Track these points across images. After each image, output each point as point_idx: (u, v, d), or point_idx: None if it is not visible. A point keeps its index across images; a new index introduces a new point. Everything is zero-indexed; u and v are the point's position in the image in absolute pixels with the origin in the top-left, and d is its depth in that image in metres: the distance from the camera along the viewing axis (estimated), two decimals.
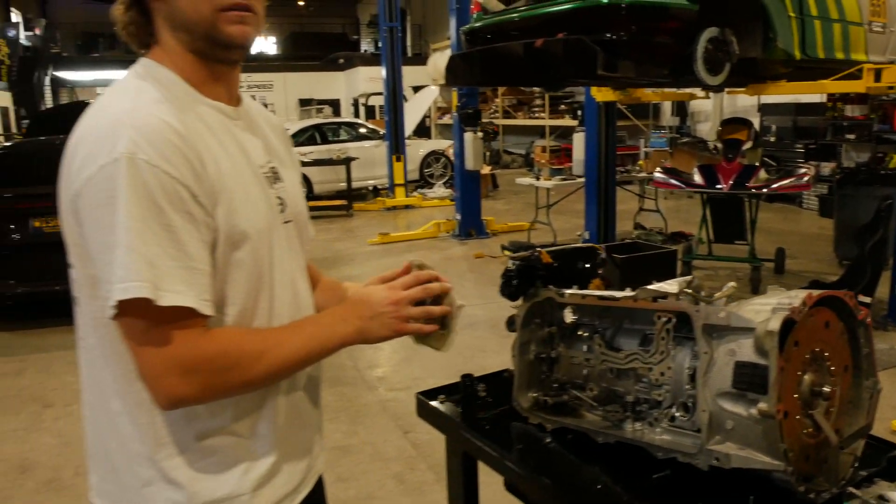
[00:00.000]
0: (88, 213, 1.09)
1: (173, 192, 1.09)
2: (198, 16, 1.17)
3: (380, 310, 1.31)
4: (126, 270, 1.05)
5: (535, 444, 1.73)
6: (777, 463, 1.33)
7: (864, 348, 1.54)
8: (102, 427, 1.25)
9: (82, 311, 1.26)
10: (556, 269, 1.78)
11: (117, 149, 1.07)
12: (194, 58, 1.22)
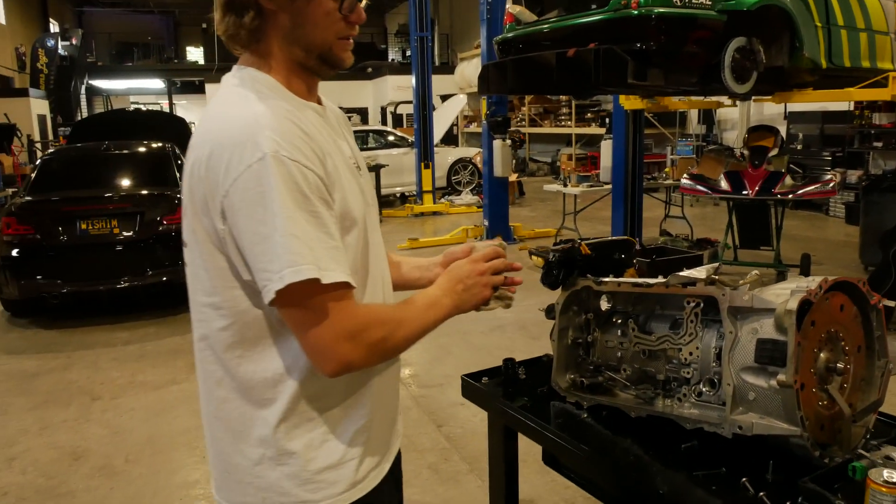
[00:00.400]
0: (240, 210, 1.16)
1: (313, 182, 1.19)
2: (321, 40, 1.29)
3: (469, 282, 1.45)
4: (293, 255, 1.14)
5: (573, 419, 1.88)
6: (794, 429, 1.47)
7: (877, 331, 1.68)
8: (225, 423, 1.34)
9: (214, 312, 1.31)
10: (593, 259, 1.93)
11: (261, 149, 1.15)
12: (298, 69, 1.33)
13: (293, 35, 1.28)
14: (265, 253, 1.15)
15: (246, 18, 1.25)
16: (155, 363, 5.44)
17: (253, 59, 1.32)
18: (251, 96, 1.24)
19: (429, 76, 12.73)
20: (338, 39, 1.31)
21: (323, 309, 1.18)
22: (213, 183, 1.19)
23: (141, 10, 31.82)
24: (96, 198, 6.52)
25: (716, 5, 4.93)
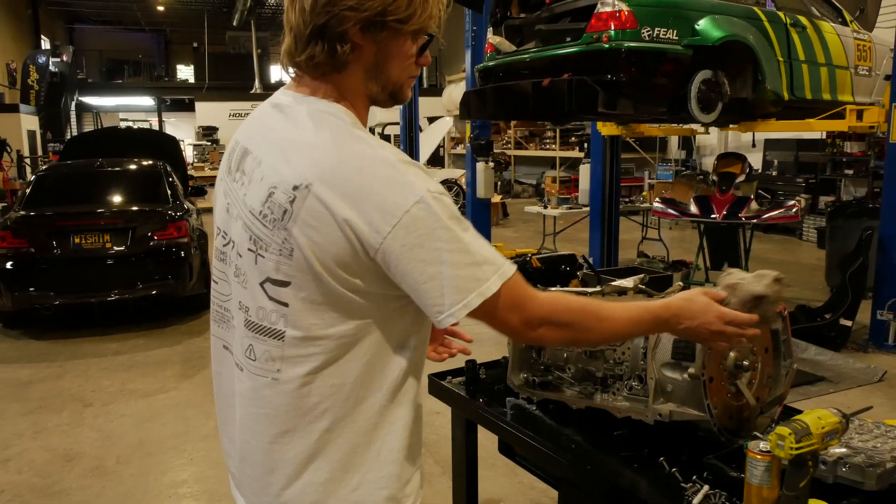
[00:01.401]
0: (410, 250, 1.19)
1: (454, 207, 1.27)
2: (397, 78, 1.35)
3: (704, 319, 1.48)
4: (489, 264, 1.24)
5: (524, 412, 2.14)
6: (703, 415, 1.74)
7: (783, 335, 1.95)
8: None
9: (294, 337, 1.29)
10: (543, 271, 2.20)
11: (416, 192, 1.19)
12: (367, 102, 1.37)
13: (375, 70, 1.32)
14: (455, 274, 1.21)
15: (339, 49, 1.26)
16: (144, 373, 5.64)
17: (322, 87, 1.32)
18: (361, 135, 1.27)
19: (416, 98, 13.06)
20: (408, 78, 1.38)
21: (524, 297, 1.32)
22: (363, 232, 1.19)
23: (132, 27, 32.15)
24: (89, 213, 6.73)
25: (682, 40, 5.25)
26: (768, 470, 1.41)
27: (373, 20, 1.25)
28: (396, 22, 1.27)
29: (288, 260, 1.24)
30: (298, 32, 1.27)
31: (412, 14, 1.28)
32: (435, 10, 1.33)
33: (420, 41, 1.34)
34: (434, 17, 1.33)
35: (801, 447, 1.33)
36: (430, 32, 1.35)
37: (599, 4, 5.06)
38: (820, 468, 1.58)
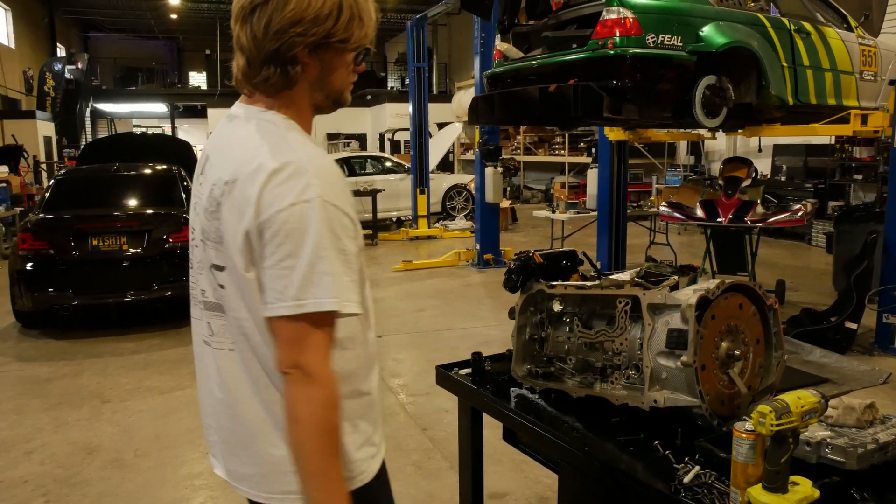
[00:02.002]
0: (275, 237, 1.35)
1: (345, 224, 1.39)
2: (339, 87, 1.54)
3: None
4: (319, 289, 1.33)
5: (527, 401, 2.24)
6: (695, 401, 1.84)
7: (774, 327, 2.05)
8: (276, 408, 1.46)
9: (239, 317, 1.46)
10: (545, 266, 2.31)
11: (308, 193, 1.35)
12: (312, 111, 1.55)
13: (320, 83, 1.51)
14: (294, 280, 1.34)
15: (291, 71, 1.44)
16: (160, 371, 5.78)
17: (273, 101, 1.49)
18: (292, 140, 1.44)
19: (425, 105, 13.19)
20: (348, 85, 1.57)
21: (324, 334, 1.37)
22: (251, 208, 1.37)
23: (146, 35, 32.51)
24: (107, 216, 6.89)
25: (686, 46, 5.34)
26: (753, 448, 1.51)
27: (318, 43, 1.44)
28: (339, 42, 1.46)
29: (220, 247, 1.45)
30: (252, 57, 1.44)
31: (351, 34, 1.47)
32: (369, 27, 1.52)
33: (357, 53, 1.52)
34: (369, 33, 1.52)
35: (782, 424, 1.43)
36: (366, 46, 1.53)
37: (605, 12, 5.15)
38: (805, 449, 1.68)
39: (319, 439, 1.36)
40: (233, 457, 1.56)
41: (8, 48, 22.04)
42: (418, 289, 8.97)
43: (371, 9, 1.52)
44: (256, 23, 1.41)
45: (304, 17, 1.40)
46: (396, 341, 6.74)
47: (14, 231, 11.42)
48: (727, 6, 5.64)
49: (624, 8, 5.17)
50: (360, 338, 1.57)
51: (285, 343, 1.37)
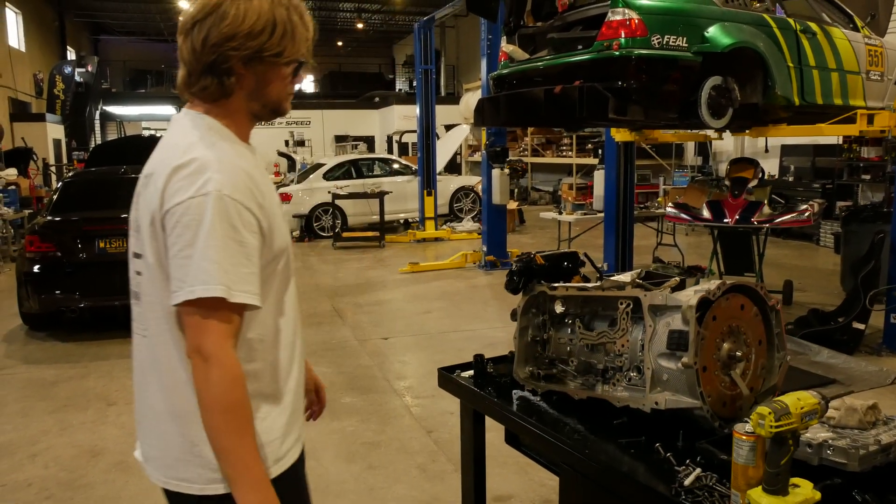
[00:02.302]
0: (175, 228, 1.45)
1: (246, 218, 1.48)
2: (276, 98, 1.63)
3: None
4: (207, 276, 1.41)
5: (529, 403, 2.24)
6: (696, 402, 1.83)
7: (776, 328, 2.03)
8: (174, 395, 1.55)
9: (149, 303, 1.57)
10: (547, 268, 2.30)
11: (207, 187, 1.45)
12: (250, 118, 1.65)
13: (256, 93, 1.61)
14: (187, 268, 1.43)
15: (226, 81, 1.55)
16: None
17: (211, 108, 1.59)
18: (208, 141, 1.53)
19: (432, 107, 13.19)
20: (286, 96, 1.66)
21: (219, 320, 1.44)
22: (157, 199, 1.48)
23: (155, 38, 32.63)
24: (114, 218, 6.89)
25: (692, 47, 5.32)
26: (753, 450, 1.50)
27: (252, 56, 1.55)
28: (272, 56, 1.56)
29: (138, 235, 1.58)
30: (192, 68, 1.56)
31: (284, 49, 1.57)
32: (303, 43, 1.62)
33: (293, 66, 1.63)
34: (303, 47, 1.62)
35: (781, 425, 1.42)
36: (300, 60, 1.63)
37: (610, 13, 5.14)
38: (806, 450, 1.66)
39: (223, 417, 1.43)
40: (143, 438, 1.66)
41: (18, 51, 22.17)
42: (425, 291, 8.97)
43: (306, 27, 1.63)
44: (196, 36, 1.53)
45: (239, 32, 1.51)
46: (402, 343, 6.74)
47: (23, 233, 11.48)
48: (732, 7, 5.62)
49: (629, 9, 5.15)
50: (271, 339, 1.62)
51: (188, 330, 1.46)
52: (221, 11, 1.52)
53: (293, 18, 1.58)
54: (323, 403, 2.11)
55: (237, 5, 1.52)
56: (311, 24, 1.65)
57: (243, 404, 1.46)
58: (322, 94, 32.45)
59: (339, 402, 5.15)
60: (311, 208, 13.70)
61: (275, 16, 1.55)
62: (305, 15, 1.64)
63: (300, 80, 1.69)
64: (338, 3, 26.87)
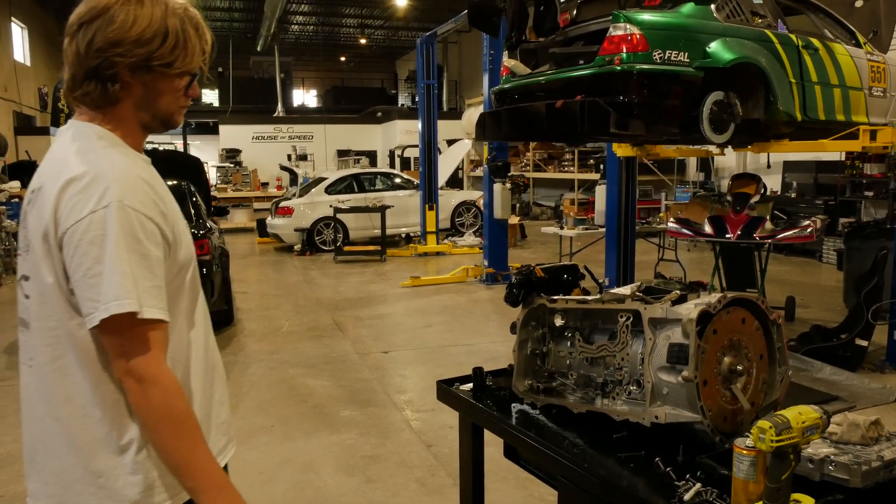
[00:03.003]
0: (78, 247, 1.36)
1: (149, 228, 1.41)
2: (167, 109, 1.57)
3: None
4: (119, 290, 1.35)
5: (528, 417, 2.22)
6: (697, 416, 1.81)
7: (778, 342, 2.02)
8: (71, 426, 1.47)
9: (39, 329, 1.48)
10: (547, 281, 2.29)
11: (106, 199, 1.37)
12: (139, 128, 1.57)
13: (145, 103, 1.53)
14: (97, 286, 1.35)
15: (110, 88, 1.47)
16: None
17: (98, 116, 1.51)
18: (99, 151, 1.46)
19: (434, 122, 13.22)
20: (178, 108, 1.59)
21: (140, 337, 1.39)
22: (51, 219, 1.39)
23: None
24: None
25: (693, 62, 5.33)
26: (754, 465, 1.48)
27: (139, 64, 1.47)
28: (162, 66, 1.49)
29: (27, 255, 1.48)
30: (75, 72, 1.47)
31: (175, 59, 1.50)
32: (197, 54, 1.55)
33: (186, 79, 1.56)
34: (197, 59, 1.55)
35: (782, 440, 1.40)
36: (193, 72, 1.55)
37: (611, 28, 5.15)
38: (808, 466, 1.64)
39: (172, 433, 1.40)
40: (36, 476, 1.55)
41: (24, 65, 22.31)
42: (426, 305, 8.95)
43: (202, 39, 1.56)
44: (81, 39, 1.45)
45: (126, 38, 1.44)
46: (403, 357, 6.71)
47: None
48: (734, 22, 5.63)
49: (631, 24, 5.17)
50: (184, 354, 1.56)
51: (112, 352, 1.40)
52: (109, 15, 1.44)
53: (187, 29, 1.51)
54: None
55: (127, 10, 1.45)
56: (208, 37, 1.59)
57: (188, 414, 1.43)
58: (325, 108, 32.59)
59: (339, 416, 5.13)
60: (313, 222, 13.71)
61: (167, 25, 1.48)
62: (202, 26, 1.57)
63: (195, 94, 1.61)
64: (341, 19, 27.02)
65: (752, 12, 5.85)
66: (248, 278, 11.18)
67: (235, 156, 24.86)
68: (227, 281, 7.56)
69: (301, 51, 32.10)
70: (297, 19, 26.65)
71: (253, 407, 5.34)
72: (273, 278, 11.31)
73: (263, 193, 19.87)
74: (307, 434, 4.81)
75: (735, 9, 5.68)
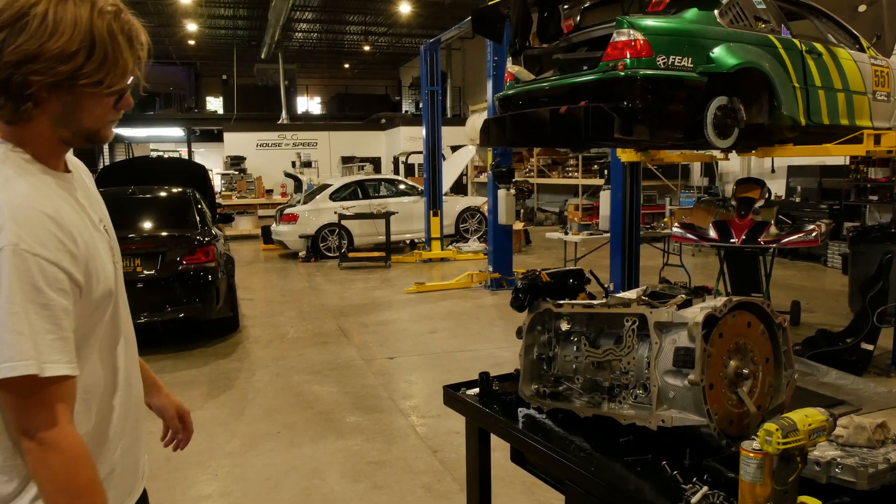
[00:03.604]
0: None
1: (51, 275, 1.23)
2: (91, 125, 1.36)
3: None
4: (13, 351, 1.19)
5: (535, 421, 2.22)
6: (703, 420, 1.81)
7: (783, 346, 2.02)
8: None
9: None
10: (552, 285, 2.30)
11: (0, 241, 1.20)
12: (58, 144, 1.37)
13: (64, 120, 1.33)
14: None
15: (23, 107, 1.27)
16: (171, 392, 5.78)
17: (6, 130, 1.32)
18: (3, 176, 1.27)
19: (438, 128, 13.25)
20: (107, 123, 1.40)
21: (41, 399, 1.24)
22: None
23: (164, 61, 32.96)
24: (121, 238, 6.83)
25: (697, 68, 5.34)
26: (760, 467, 1.49)
27: (61, 83, 1.27)
28: (88, 86, 1.29)
29: None
30: None
31: (103, 77, 1.29)
32: (130, 68, 1.34)
33: (116, 94, 1.36)
34: (128, 72, 1.34)
35: (788, 442, 1.41)
36: (125, 89, 1.36)
37: (615, 34, 5.17)
38: (814, 469, 1.65)
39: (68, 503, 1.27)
40: None
41: None
42: (431, 311, 8.95)
43: (135, 47, 1.35)
44: None
45: (44, 53, 1.23)
46: (408, 363, 6.72)
47: None
48: (738, 28, 5.64)
49: (634, 30, 5.18)
50: (98, 396, 1.42)
51: (9, 411, 1.26)
52: (24, 22, 1.22)
53: (118, 40, 1.30)
54: (189, 430, 1.93)
55: (46, 14, 1.23)
56: (144, 41, 1.38)
57: (93, 484, 1.30)
58: (329, 115, 32.67)
59: (345, 422, 5.14)
60: (318, 229, 13.74)
61: (94, 35, 1.26)
62: (135, 32, 1.35)
63: (128, 107, 1.41)
64: (344, 26, 27.10)
65: (755, 17, 5.86)
66: (254, 285, 11.21)
67: (240, 163, 24.97)
68: (232, 288, 7.59)
69: (305, 58, 32.20)
70: (301, 27, 26.74)
71: (259, 413, 5.35)
72: (278, 285, 11.34)
73: (268, 200, 19.94)
74: (313, 440, 4.81)
75: (738, 14, 5.69)
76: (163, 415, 1.89)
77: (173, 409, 1.90)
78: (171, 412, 1.89)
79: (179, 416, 1.91)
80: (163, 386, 1.90)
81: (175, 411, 1.90)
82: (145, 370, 1.79)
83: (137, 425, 1.58)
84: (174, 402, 1.91)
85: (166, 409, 1.89)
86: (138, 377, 1.63)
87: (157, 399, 1.88)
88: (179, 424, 1.91)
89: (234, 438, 4.84)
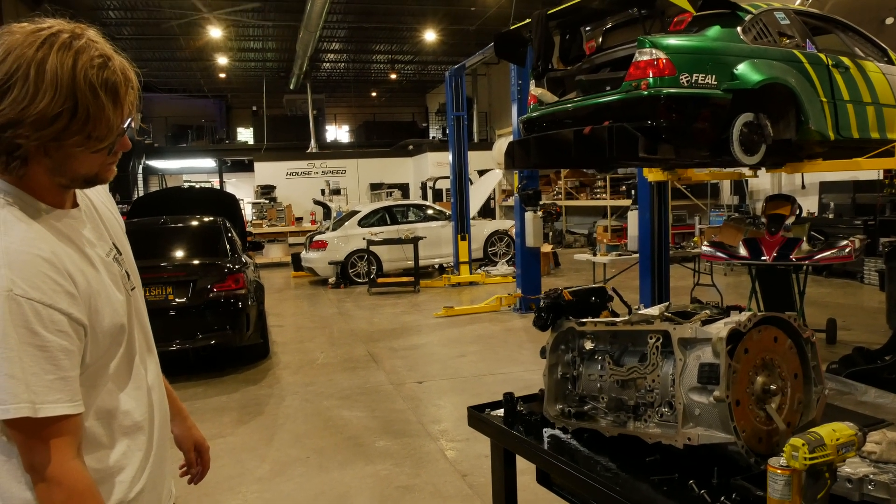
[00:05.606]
0: None
1: (47, 317, 1.25)
2: (87, 172, 1.37)
3: None
4: (5, 394, 1.22)
5: (560, 441, 2.20)
6: (730, 437, 1.78)
7: (812, 361, 1.99)
8: None
9: None
10: (575, 304, 2.28)
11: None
12: (57, 188, 1.38)
13: (59, 171, 1.34)
14: None
15: (13, 164, 1.28)
16: (203, 418, 5.82)
17: (7, 177, 1.34)
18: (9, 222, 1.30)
19: (465, 153, 13.31)
20: (104, 167, 1.39)
21: (42, 437, 1.27)
22: None
23: (195, 94, 33.67)
24: (153, 267, 7.05)
25: (721, 85, 5.31)
26: (788, 484, 1.45)
27: (47, 144, 1.27)
28: (74, 145, 1.29)
29: None
30: None
31: (89, 134, 1.29)
32: (116, 123, 1.32)
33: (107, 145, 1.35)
34: (115, 128, 1.32)
35: (815, 458, 1.38)
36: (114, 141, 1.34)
37: (637, 53, 5.17)
38: (846, 486, 1.61)
39: None
40: None
41: None
42: (460, 334, 8.93)
43: (122, 103, 1.33)
44: None
45: (26, 119, 1.23)
46: (438, 387, 6.70)
47: None
48: (762, 44, 5.61)
49: (657, 49, 5.18)
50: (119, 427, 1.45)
51: (17, 447, 1.30)
52: (7, 87, 1.23)
53: (101, 100, 1.28)
54: (206, 465, 1.94)
55: (27, 77, 1.22)
56: (135, 85, 1.36)
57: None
58: (357, 143, 33.04)
59: (374, 446, 5.12)
60: (347, 255, 13.83)
61: (76, 94, 1.25)
62: (121, 87, 1.32)
63: (125, 148, 1.40)
64: (371, 55, 27.46)
65: (779, 33, 5.82)
66: (284, 312, 11.28)
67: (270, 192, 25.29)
68: (262, 314, 7.66)
69: (333, 87, 32.66)
70: (328, 57, 27.16)
71: (288, 439, 5.36)
72: (308, 311, 11.40)
73: (298, 228, 20.13)
74: (342, 465, 4.81)
75: (762, 31, 5.66)
76: (180, 446, 1.90)
77: (191, 441, 1.90)
78: (189, 444, 1.90)
79: (197, 450, 1.91)
80: (188, 416, 1.91)
81: (192, 444, 1.90)
82: (172, 398, 1.81)
83: (163, 448, 1.59)
84: (193, 435, 1.91)
85: (184, 440, 1.89)
86: (164, 399, 1.65)
87: (179, 429, 1.89)
88: (195, 457, 1.91)
89: (263, 464, 4.85)
